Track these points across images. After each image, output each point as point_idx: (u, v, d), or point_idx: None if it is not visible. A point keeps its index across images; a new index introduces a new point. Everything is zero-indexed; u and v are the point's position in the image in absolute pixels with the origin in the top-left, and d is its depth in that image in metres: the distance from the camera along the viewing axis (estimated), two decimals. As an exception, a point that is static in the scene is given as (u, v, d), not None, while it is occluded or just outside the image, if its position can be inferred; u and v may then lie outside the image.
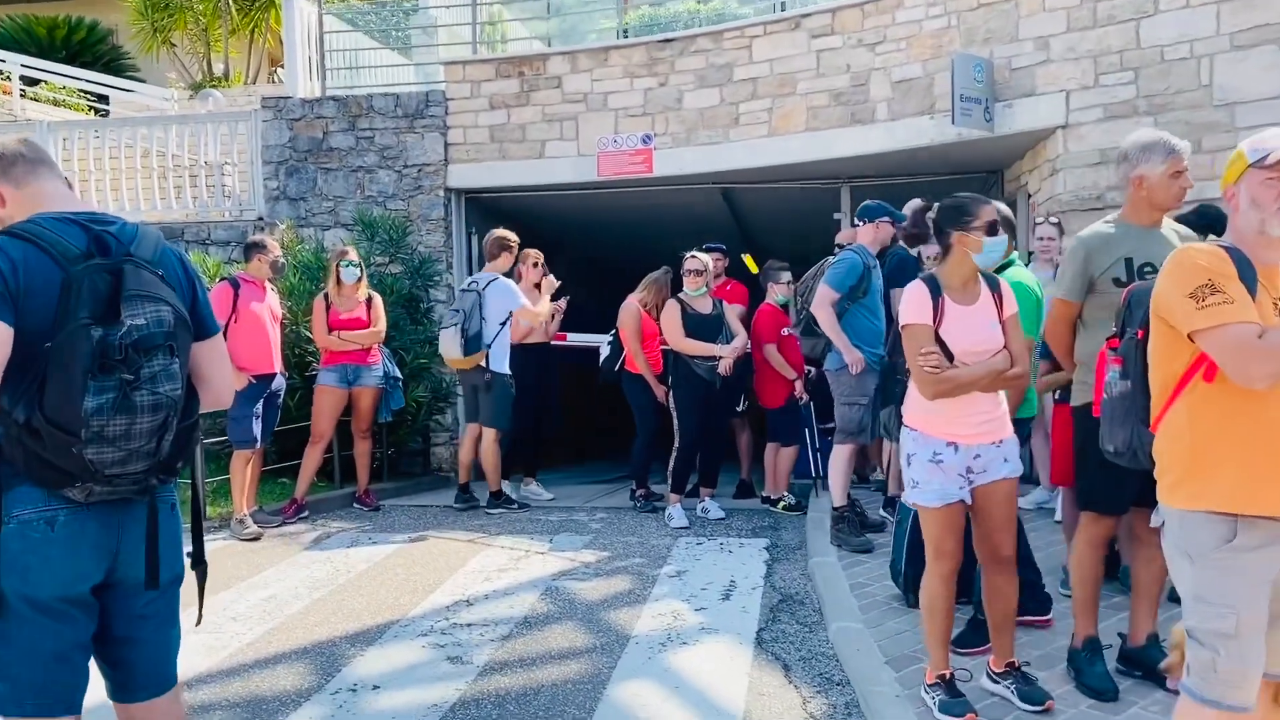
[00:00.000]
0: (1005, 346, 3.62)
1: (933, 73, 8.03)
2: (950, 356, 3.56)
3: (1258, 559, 2.55)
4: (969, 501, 3.60)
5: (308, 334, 8.16)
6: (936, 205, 3.84)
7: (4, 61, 13.57)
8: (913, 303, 3.62)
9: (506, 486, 8.01)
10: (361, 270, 7.67)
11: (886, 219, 6.14)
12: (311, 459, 7.55)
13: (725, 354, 6.97)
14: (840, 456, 6.08)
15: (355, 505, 7.94)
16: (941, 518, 3.56)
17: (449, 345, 7.42)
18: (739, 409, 7.67)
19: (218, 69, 15.41)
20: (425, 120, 9.99)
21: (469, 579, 5.68)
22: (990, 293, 3.69)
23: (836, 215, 9.75)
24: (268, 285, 7.15)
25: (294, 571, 5.91)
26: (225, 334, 6.79)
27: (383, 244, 9.43)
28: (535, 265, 8.17)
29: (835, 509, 6.07)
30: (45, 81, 14.39)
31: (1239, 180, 2.64)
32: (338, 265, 7.60)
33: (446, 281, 9.85)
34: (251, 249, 7.07)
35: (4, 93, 13.61)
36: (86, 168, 10.66)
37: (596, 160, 9.51)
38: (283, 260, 7.10)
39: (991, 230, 3.59)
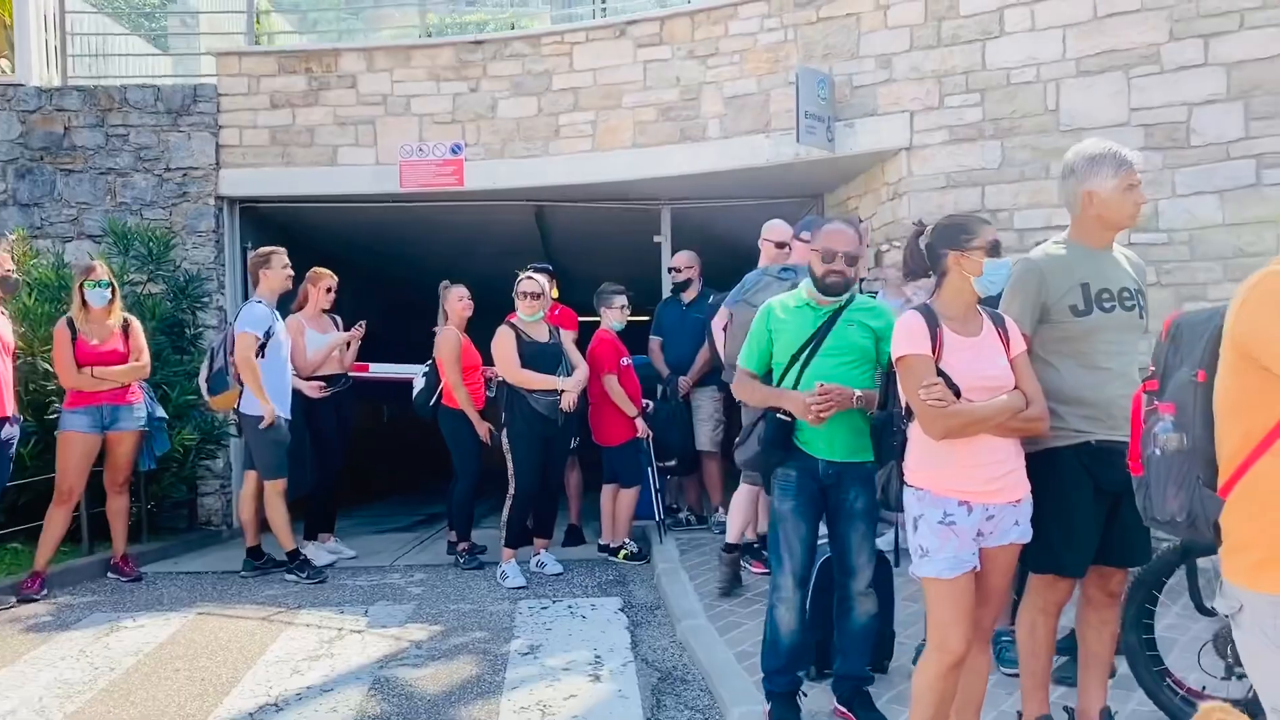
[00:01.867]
0: (1017, 386, 3.13)
1: (768, 89, 7.61)
2: (956, 393, 3.02)
3: None
4: (979, 569, 3.07)
5: (46, 366, 6.71)
6: (930, 228, 3.31)
7: None
8: (907, 332, 3.12)
9: (311, 549, 6.86)
10: (114, 291, 6.35)
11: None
12: (56, 522, 6.14)
13: (568, 387, 6.18)
14: (741, 495, 5.64)
15: (111, 575, 6.55)
16: (954, 593, 3.03)
17: (202, 383, 6.55)
18: (572, 447, 6.90)
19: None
20: (192, 118, 8.64)
21: (273, 672, 4.58)
22: (995, 327, 3.20)
23: (657, 239, 9.21)
24: (-4, 307, 5.74)
25: (36, 673, 4.60)
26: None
27: (140, 259, 8.01)
28: (329, 291, 7.09)
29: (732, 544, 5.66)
30: None
31: None
32: (82, 285, 6.25)
33: (218, 304, 8.52)
34: (-30, 262, 5.64)
35: None
36: None
37: (399, 170, 8.51)
38: (15, 277, 5.70)
39: (994, 251, 3.12)
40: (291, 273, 6.63)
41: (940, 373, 3.10)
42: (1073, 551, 3.32)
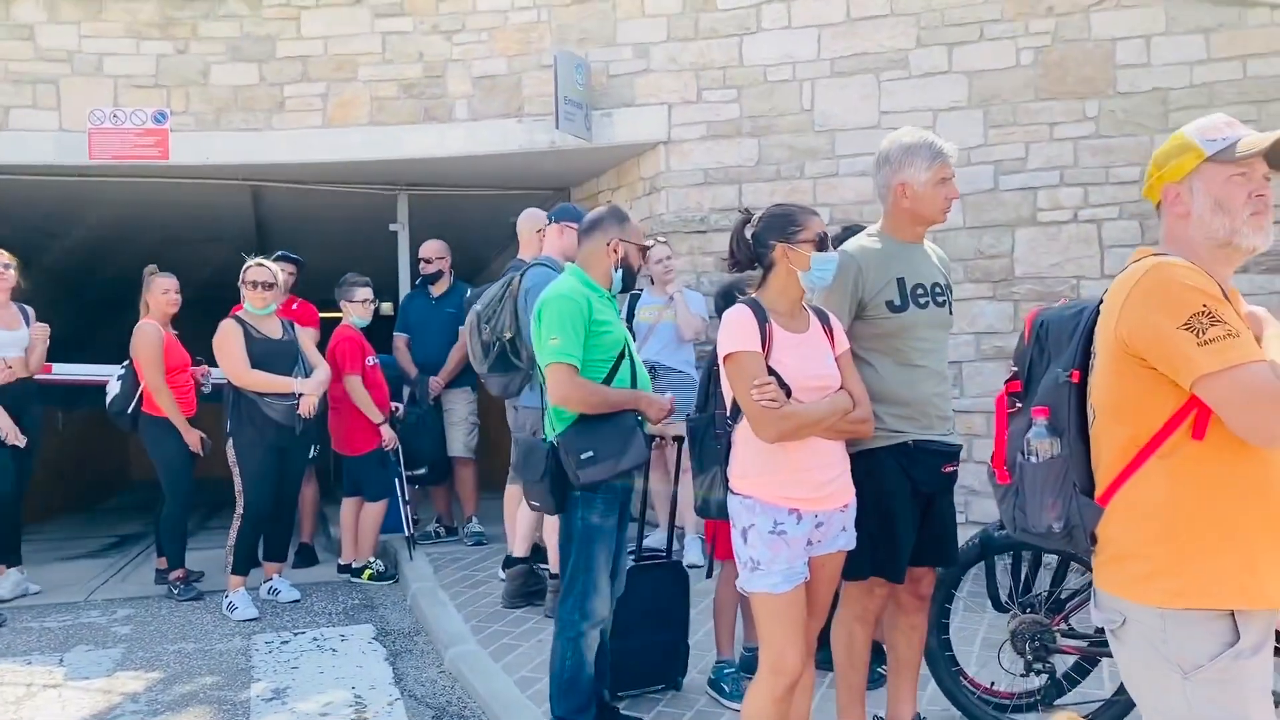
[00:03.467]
0: (843, 385, 2.95)
1: (519, 71, 7.20)
2: (787, 393, 2.81)
3: (1259, 663, 2.00)
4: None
5: None
6: (756, 217, 3.05)
7: None
8: (737, 328, 2.88)
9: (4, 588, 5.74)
10: None
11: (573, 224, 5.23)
12: None
13: (307, 390, 5.48)
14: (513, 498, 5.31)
15: None
16: (788, 607, 2.80)
17: None
18: (311, 457, 6.16)
19: None
20: None
21: (-61, 753, 3.66)
22: (820, 324, 3.01)
23: (393, 226, 8.55)
24: None
25: None
26: None
27: None
28: (4, 270, 5.92)
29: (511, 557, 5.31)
30: None
31: (1187, 177, 2.09)
32: None
33: None
34: None
35: None
36: None
37: (88, 139, 7.32)
38: None
39: (821, 245, 2.91)
40: None
41: (770, 371, 2.87)
42: (895, 556, 3.19)
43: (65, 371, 7.30)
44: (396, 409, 6.34)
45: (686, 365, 6.06)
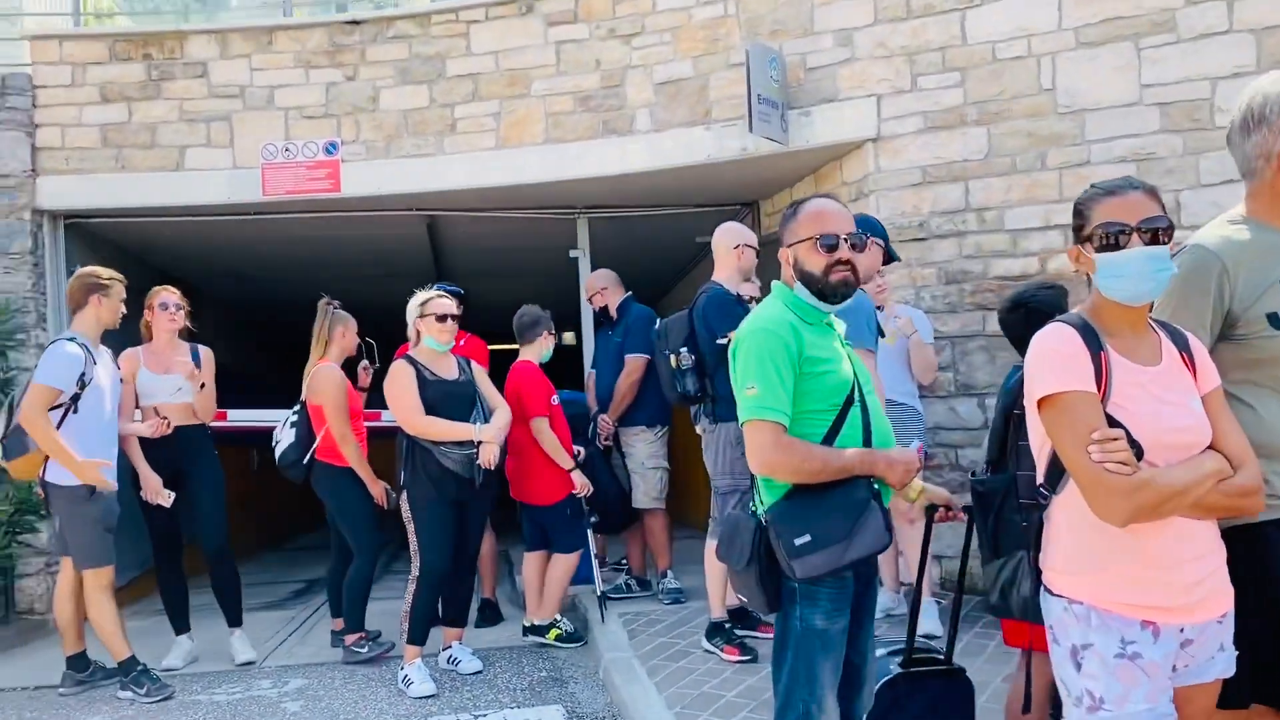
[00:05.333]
0: (1214, 440, 2.07)
1: (706, 72, 6.49)
2: (1138, 454, 1.97)
3: None
4: None
5: None
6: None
7: None
8: (1057, 358, 2.07)
9: (172, 659, 5.41)
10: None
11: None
12: None
13: (488, 436, 4.87)
14: (715, 556, 4.45)
15: (-125, 705, 4.94)
16: None
17: None
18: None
19: None
20: (1, 115, 7.03)
21: None
22: (1176, 350, 2.11)
23: (574, 253, 7.97)
24: None
25: None
26: None
27: (-70, 288, 6.38)
28: (176, 310, 5.50)
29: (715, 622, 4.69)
30: None
31: None
32: None
33: (37, 340, 6.90)
34: None
35: None
36: None
37: (261, 175, 7.06)
38: None
39: (1115, 240, 2.10)
40: (124, 310, 5.16)
41: (1111, 421, 1.99)
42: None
43: (242, 418, 7.04)
44: (579, 453, 5.68)
45: (909, 397, 5.16)
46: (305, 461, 5.50)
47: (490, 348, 6.34)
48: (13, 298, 6.91)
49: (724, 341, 4.77)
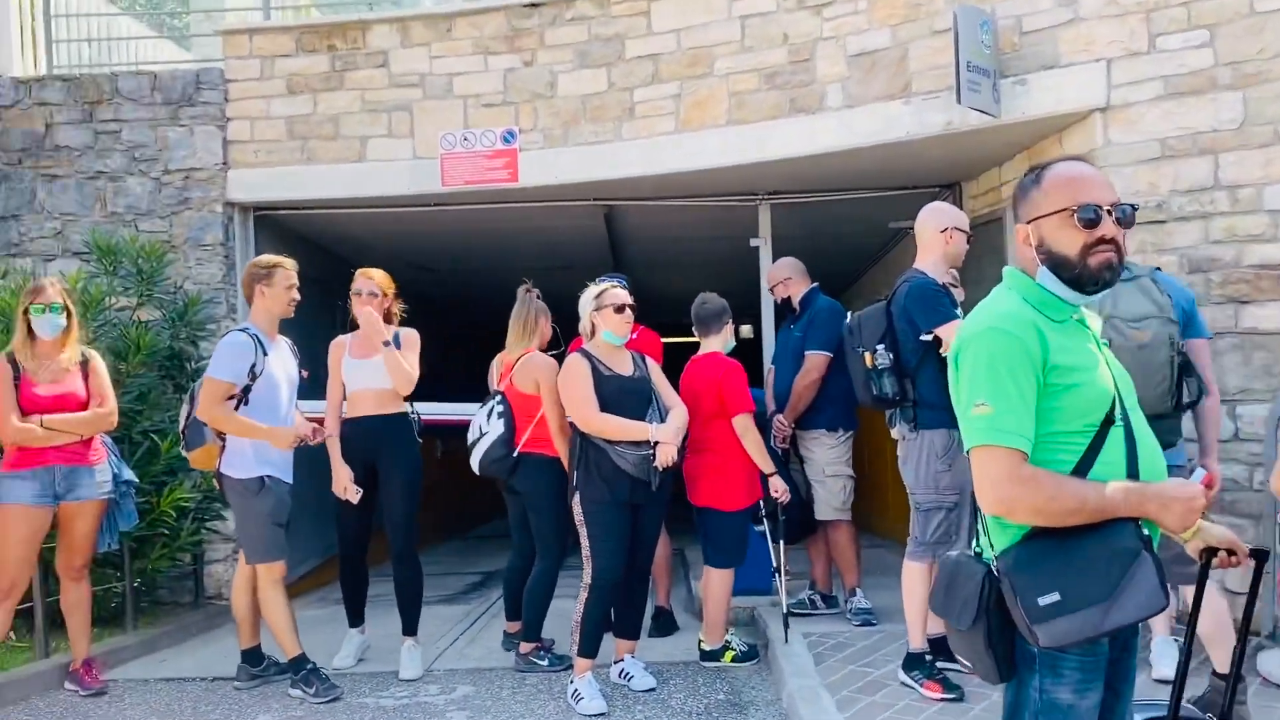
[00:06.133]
0: None
1: (905, 41, 5.91)
2: None
3: None
4: None
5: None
6: None
7: None
8: None
9: (343, 657, 5.33)
10: (69, 318, 4.87)
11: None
12: (-11, 624, 4.65)
13: (665, 437, 4.52)
14: (915, 578, 4.21)
15: (69, 686, 5.04)
16: None
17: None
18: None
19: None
20: (195, 109, 7.20)
21: None
22: None
23: (755, 242, 7.52)
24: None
25: None
26: None
27: (129, 279, 6.55)
28: (369, 296, 5.24)
29: (914, 653, 4.21)
30: None
31: None
32: (27, 311, 4.78)
33: (226, 331, 7.00)
34: None
35: None
36: None
37: (440, 165, 6.96)
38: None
39: None
40: (297, 296, 5.04)
41: None
42: None
43: (430, 411, 6.91)
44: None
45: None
46: (514, 455, 5.22)
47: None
48: (204, 288, 7.07)
49: (927, 338, 4.25)
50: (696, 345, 5.24)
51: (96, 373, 4.96)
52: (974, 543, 2.15)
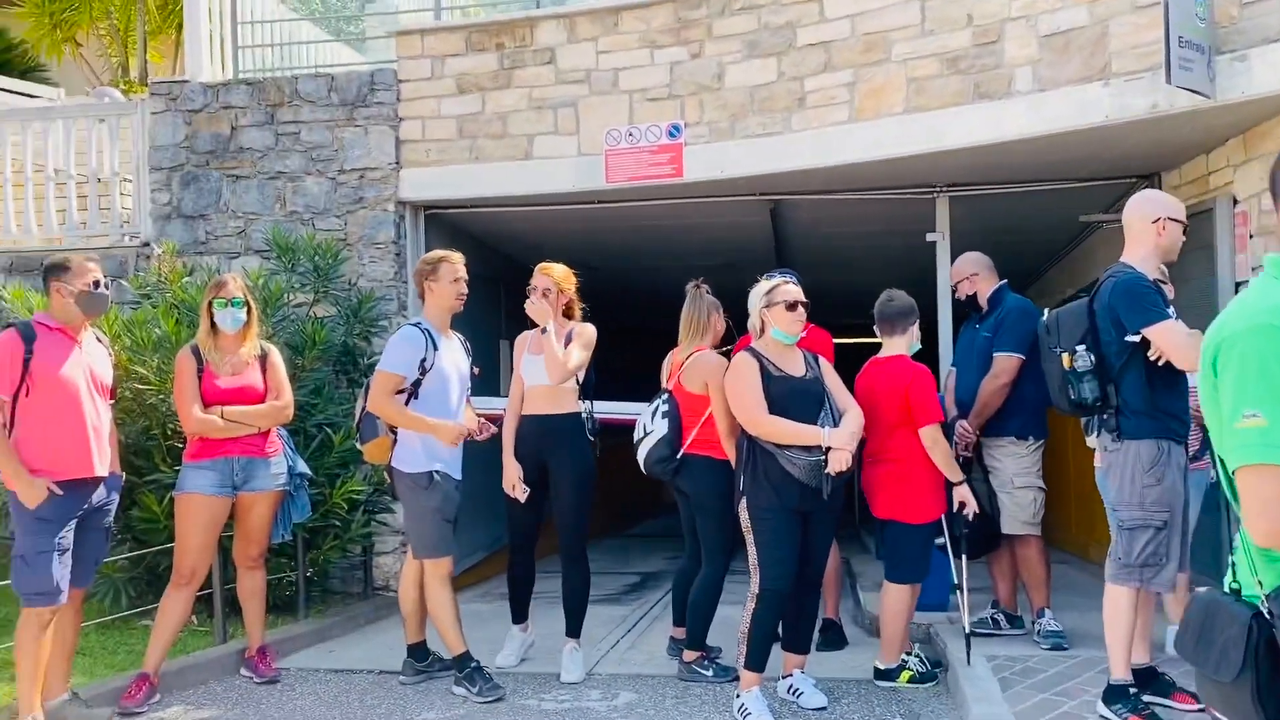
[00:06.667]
0: None
1: (1105, 18, 5.44)
2: None
3: None
4: None
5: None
6: None
7: None
8: None
9: (506, 656, 5.31)
10: (250, 312, 4.98)
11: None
12: (173, 611, 4.79)
13: (839, 442, 4.26)
14: (1119, 603, 3.82)
15: (244, 673, 5.17)
16: None
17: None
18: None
19: (136, 74, 12.84)
20: (369, 109, 7.36)
21: None
22: None
23: (931, 236, 7.13)
24: (88, 333, 4.44)
25: None
26: (13, 414, 4.12)
27: (306, 276, 6.73)
28: (561, 292, 5.21)
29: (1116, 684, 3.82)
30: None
31: None
32: (210, 305, 4.91)
33: (397, 327, 7.11)
34: (49, 275, 4.34)
35: None
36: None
37: (604, 161, 6.89)
38: (103, 289, 4.37)
39: None
40: (464, 289, 5.02)
41: None
42: None
43: (597, 410, 6.82)
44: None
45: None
46: (679, 455, 5.08)
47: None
48: (377, 285, 7.21)
49: (1134, 339, 3.86)
50: (863, 346, 4.95)
51: (274, 366, 5.07)
52: (1229, 578, 1.84)
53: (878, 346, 4.93)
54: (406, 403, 4.74)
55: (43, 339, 4.21)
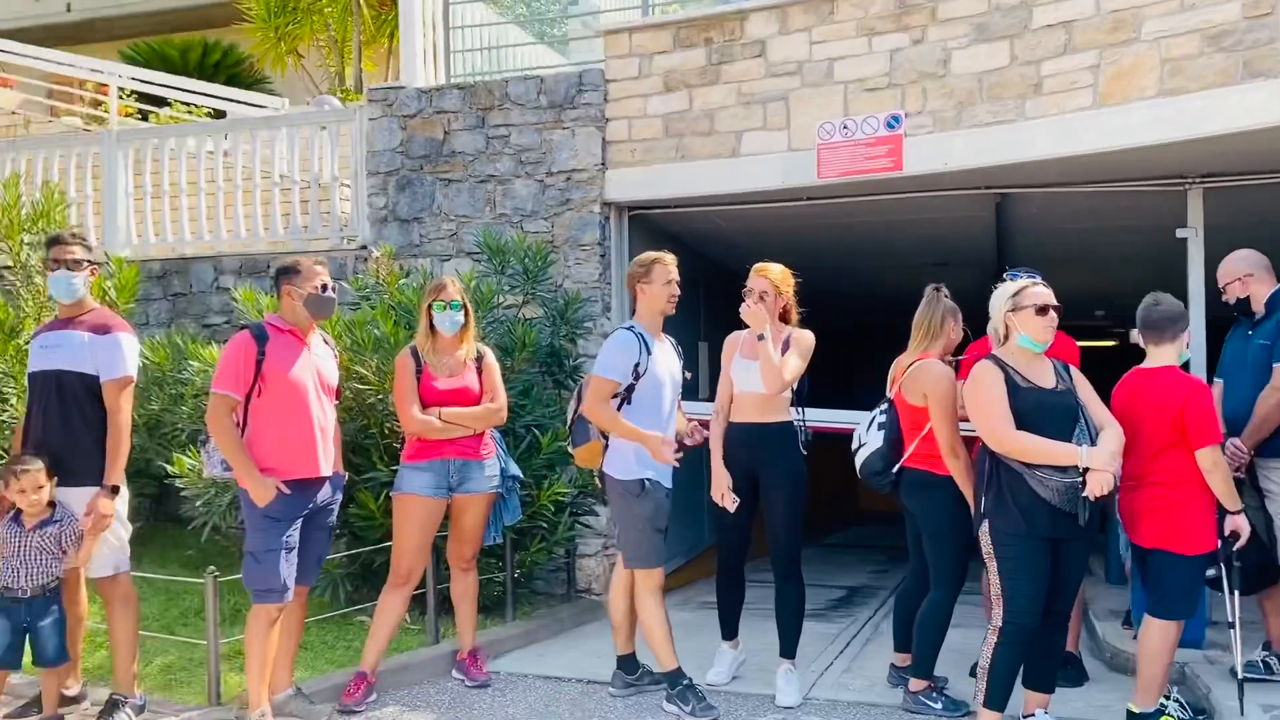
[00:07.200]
0: None
1: None
2: None
3: None
4: None
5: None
6: None
7: (100, 73, 11.80)
8: None
9: (717, 673, 5.10)
10: (467, 315, 4.97)
11: None
12: (389, 610, 4.85)
13: (1099, 463, 3.82)
14: None
15: (456, 675, 5.18)
16: None
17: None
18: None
19: (352, 82, 13.45)
20: (576, 111, 7.31)
21: None
22: None
23: (1182, 232, 6.45)
24: (315, 335, 4.52)
25: None
26: (245, 414, 4.22)
27: (515, 278, 6.74)
28: (779, 295, 4.97)
29: None
30: (174, 102, 12.62)
31: None
32: (430, 307, 4.93)
33: (602, 329, 7.06)
34: (280, 277, 4.44)
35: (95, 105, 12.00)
36: (162, 185, 8.46)
37: (816, 155, 6.58)
38: (330, 293, 4.42)
39: None
40: (677, 291, 4.84)
41: None
42: None
43: (814, 419, 6.53)
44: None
45: None
46: (897, 470, 4.79)
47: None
48: (583, 287, 7.15)
49: None
50: (1090, 352, 4.44)
51: (490, 369, 5.05)
52: None
53: (1107, 352, 4.44)
54: (620, 407, 4.61)
55: (274, 340, 4.30)
